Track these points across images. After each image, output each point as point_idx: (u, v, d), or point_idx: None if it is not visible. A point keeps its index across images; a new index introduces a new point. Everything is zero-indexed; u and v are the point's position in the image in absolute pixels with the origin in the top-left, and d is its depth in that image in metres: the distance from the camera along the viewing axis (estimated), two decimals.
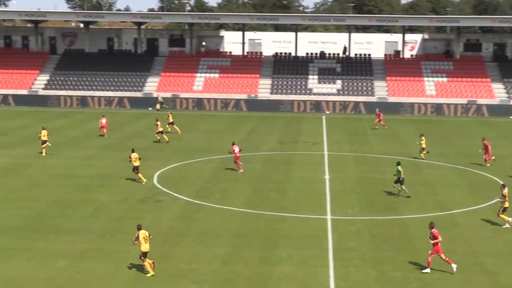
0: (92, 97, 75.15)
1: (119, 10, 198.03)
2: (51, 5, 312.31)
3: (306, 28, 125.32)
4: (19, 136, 52.78)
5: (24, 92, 76.59)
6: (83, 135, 54.27)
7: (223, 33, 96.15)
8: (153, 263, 23.90)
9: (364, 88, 76.82)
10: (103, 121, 54.33)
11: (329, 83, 78.01)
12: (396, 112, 72.22)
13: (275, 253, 26.05)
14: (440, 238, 24.13)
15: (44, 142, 45.48)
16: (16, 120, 62.33)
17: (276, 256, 25.72)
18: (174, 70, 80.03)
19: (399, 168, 34.72)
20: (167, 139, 50.93)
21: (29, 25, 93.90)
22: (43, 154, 44.93)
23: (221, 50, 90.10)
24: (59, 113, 68.51)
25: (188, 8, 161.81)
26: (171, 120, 56.05)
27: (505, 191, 30.00)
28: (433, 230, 24.26)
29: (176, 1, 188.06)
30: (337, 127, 61.17)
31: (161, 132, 51.10)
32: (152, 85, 78.18)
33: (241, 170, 40.57)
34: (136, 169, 37.47)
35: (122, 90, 77.29)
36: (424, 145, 45.20)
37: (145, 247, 23.63)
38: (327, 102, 74.19)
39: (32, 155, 45.08)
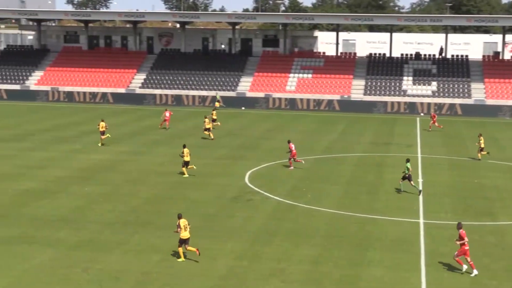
0: (187, 96, 76.57)
1: (214, 10, 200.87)
2: (149, 6, 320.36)
3: (401, 29, 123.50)
4: (117, 133, 54.39)
5: (122, 90, 78.92)
6: (178, 133, 55.36)
7: (317, 33, 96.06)
8: (197, 250, 24.88)
9: (461, 90, 74.96)
10: (167, 114, 57.29)
11: (424, 84, 76.57)
12: (493, 115, 70.13)
13: (366, 255, 25.83)
14: (466, 239, 23.84)
15: (102, 133, 48.32)
16: (114, 118, 64.24)
17: (366, 258, 25.51)
18: (267, 70, 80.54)
19: (408, 165, 35.41)
20: (212, 137, 51.76)
21: (128, 25, 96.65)
22: (99, 145, 47.96)
23: (315, 50, 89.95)
24: (154, 111, 70.12)
25: (283, 8, 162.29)
26: (214, 117, 57.88)
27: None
28: (460, 230, 24.05)
29: (270, 2, 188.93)
30: (432, 129, 59.93)
31: (208, 130, 52.38)
32: (246, 85, 78.94)
33: (292, 168, 41.43)
34: (186, 164, 38.72)
35: (216, 89, 78.40)
36: (482, 145, 45.08)
37: (184, 234, 24.88)
38: (421, 104, 72.86)
39: (128, 152, 46.38)
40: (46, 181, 37.30)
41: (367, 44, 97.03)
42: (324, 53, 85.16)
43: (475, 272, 23.85)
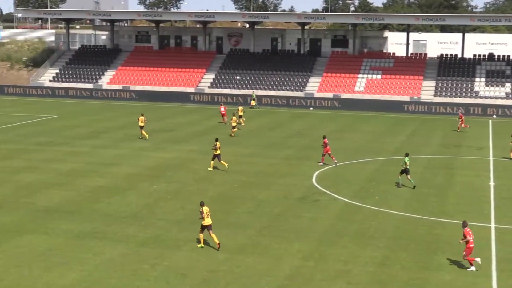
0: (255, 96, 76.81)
1: (283, 10, 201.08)
2: (219, 6, 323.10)
3: (474, 29, 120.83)
4: (187, 132, 55.10)
5: (191, 90, 79.84)
6: (245, 133, 55.64)
7: (387, 33, 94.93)
8: (219, 244, 26.08)
9: None
10: (222, 109, 60.01)
11: (498, 86, 74.75)
12: None
13: (434, 259, 25.41)
14: (468, 238, 24.22)
15: (142, 127, 51.02)
16: (184, 117, 65.08)
17: (434, 262, 25.08)
18: (336, 71, 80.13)
19: (406, 159, 36.48)
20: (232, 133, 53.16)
21: (198, 25, 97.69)
22: (141, 138, 50.13)
23: (384, 51, 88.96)
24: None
25: (352, 8, 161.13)
26: (241, 113, 59.11)
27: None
28: (465, 229, 24.47)
29: (340, 2, 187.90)
30: (505, 132, 58.40)
31: (233, 127, 53.49)
32: (314, 85, 78.76)
33: (335, 160, 42.21)
34: (217, 157, 40.24)
35: (284, 89, 78.50)
36: None
37: (207, 221, 26.16)
38: (494, 105, 71.10)
39: (198, 150, 46.90)
40: (116, 178, 38.11)
41: (438, 44, 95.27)
42: (394, 53, 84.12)
43: (472, 268, 24.29)
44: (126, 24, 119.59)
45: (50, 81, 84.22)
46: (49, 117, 62.47)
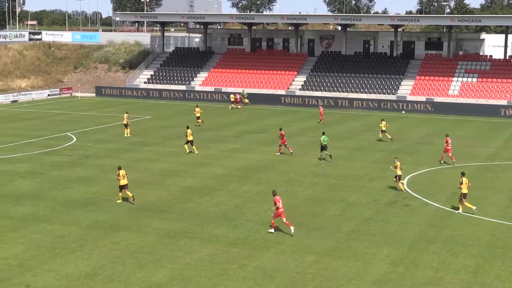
0: (345, 99, 76.28)
1: (376, 13, 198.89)
2: (311, 9, 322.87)
3: None
4: (277, 133, 55.19)
5: (282, 92, 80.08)
6: (336, 135, 55.32)
7: (483, 35, 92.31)
8: (133, 197, 32.04)
9: None
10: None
11: None
12: None
13: None
14: (278, 205, 27.87)
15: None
16: (274, 119, 65.32)
17: None
18: (429, 74, 78.59)
19: (323, 137, 42.67)
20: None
21: (290, 28, 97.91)
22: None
23: (481, 53, 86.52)
24: (314, 113, 70.54)
25: (448, 10, 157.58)
26: (198, 114, 59.64)
27: (464, 179, 31.87)
28: (275, 197, 28.22)
29: (435, 3, 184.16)
30: None
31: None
32: (406, 88, 77.49)
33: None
34: (189, 142, 44.54)
35: (376, 92, 77.64)
36: None
37: (123, 182, 32.18)
38: None
39: (287, 152, 46.94)
40: (206, 178, 38.67)
41: None
42: (491, 56, 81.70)
43: (292, 229, 27.87)
44: (219, 27, 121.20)
45: (145, 82, 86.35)
46: (143, 118, 64.06)
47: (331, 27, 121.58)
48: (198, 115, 59.33)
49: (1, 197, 34.01)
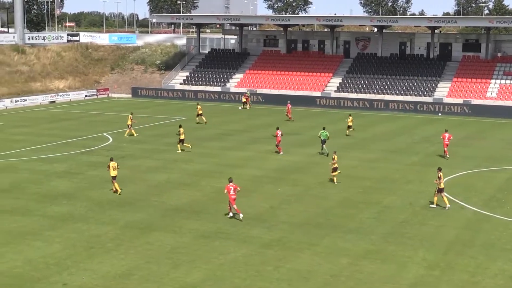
0: (381, 101, 75.75)
1: (413, 14, 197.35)
2: (347, 10, 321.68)
3: None
4: (312, 135, 55.11)
5: (317, 93, 79.87)
6: (371, 137, 55.07)
7: None
8: (119, 191, 34.12)
9: None
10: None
11: None
12: None
13: None
14: (231, 193, 30.14)
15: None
16: (309, 120, 65.19)
17: None
18: (467, 76, 77.67)
19: (322, 132, 45.05)
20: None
21: (325, 29, 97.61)
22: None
23: None
24: (347, 115, 70.21)
25: (486, 11, 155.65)
26: (199, 112, 61.45)
27: (441, 173, 32.71)
28: (226, 185, 30.49)
29: (473, 5, 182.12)
30: None
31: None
32: (443, 91, 76.70)
33: (281, 152, 45.53)
34: (181, 141, 46.26)
35: (412, 94, 76.98)
36: None
37: (113, 173, 34.05)
38: None
39: (321, 154, 46.79)
40: (242, 179, 38.62)
41: None
42: None
43: (241, 216, 30.04)
44: (254, 28, 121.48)
45: (180, 84, 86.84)
46: (179, 119, 64.41)
47: (367, 28, 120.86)
48: (200, 112, 61.20)
49: (38, 196, 34.51)
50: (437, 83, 78.27)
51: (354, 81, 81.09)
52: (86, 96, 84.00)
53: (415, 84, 78.48)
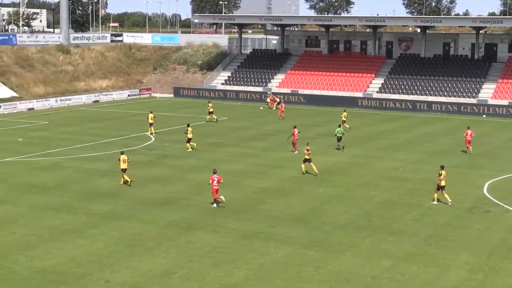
0: (424, 102, 74.95)
1: (457, 14, 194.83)
2: (390, 11, 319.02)
3: None
4: (352, 136, 54.82)
5: (359, 94, 79.42)
6: (413, 138, 54.50)
7: None
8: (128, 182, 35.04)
9: None
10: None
11: None
12: None
13: None
14: (212, 183, 31.95)
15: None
16: (350, 121, 64.74)
17: None
18: None
19: (338, 129, 46.53)
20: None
21: (368, 30, 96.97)
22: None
23: None
24: (390, 116, 69.72)
25: None
26: (211, 109, 62.78)
27: (444, 172, 33.37)
28: (212, 176, 32.20)
29: None
30: None
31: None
32: (488, 92, 75.60)
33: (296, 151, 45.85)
34: (189, 140, 46.86)
35: (456, 96, 76.01)
36: None
37: (123, 166, 35.87)
38: None
39: (363, 155, 46.55)
40: (282, 180, 38.72)
41: None
42: None
43: (222, 197, 32.16)
44: (296, 29, 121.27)
45: (222, 84, 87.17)
46: (220, 119, 64.63)
47: (410, 29, 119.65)
48: (211, 110, 62.53)
49: (82, 194, 35.00)
50: (481, 84, 77.14)
51: (396, 82, 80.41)
52: (128, 95, 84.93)
53: (459, 85, 77.46)
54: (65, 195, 34.85)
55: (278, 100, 72.14)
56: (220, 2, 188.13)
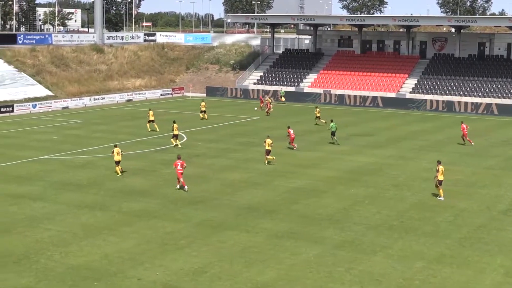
0: (459, 102, 74.17)
1: (493, 14, 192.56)
2: (423, 10, 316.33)
3: None
4: (386, 136, 54.51)
5: (392, 94, 78.87)
6: (446, 139, 53.98)
7: None
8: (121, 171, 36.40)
9: None
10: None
11: None
12: None
13: None
14: (177, 168, 35.05)
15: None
16: (383, 122, 64.43)
17: None
18: None
19: (332, 124, 48.92)
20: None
21: (401, 30, 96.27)
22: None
23: None
24: (423, 116, 69.13)
25: None
26: (203, 109, 63.40)
27: (441, 167, 33.98)
28: (175, 161, 35.18)
29: None
30: None
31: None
32: None
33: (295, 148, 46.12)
34: (175, 136, 48.47)
35: (491, 96, 75.10)
36: None
37: (117, 158, 38.75)
38: None
39: (395, 156, 46.23)
40: (314, 180, 38.61)
41: None
42: None
43: (186, 188, 34.92)
44: (329, 29, 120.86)
45: (254, 83, 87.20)
46: (252, 119, 64.70)
47: (444, 29, 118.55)
48: (203, 109, 63.22)
49: (114, 192, 35.31)
50: None
51: (430, 82, 79.68)
52: (161, 95, 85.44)
53: (494, 86, 76.49)
54: (99, 193, 35.19)
55: (270, 100, 70.84)
56: (253, 2, 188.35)
